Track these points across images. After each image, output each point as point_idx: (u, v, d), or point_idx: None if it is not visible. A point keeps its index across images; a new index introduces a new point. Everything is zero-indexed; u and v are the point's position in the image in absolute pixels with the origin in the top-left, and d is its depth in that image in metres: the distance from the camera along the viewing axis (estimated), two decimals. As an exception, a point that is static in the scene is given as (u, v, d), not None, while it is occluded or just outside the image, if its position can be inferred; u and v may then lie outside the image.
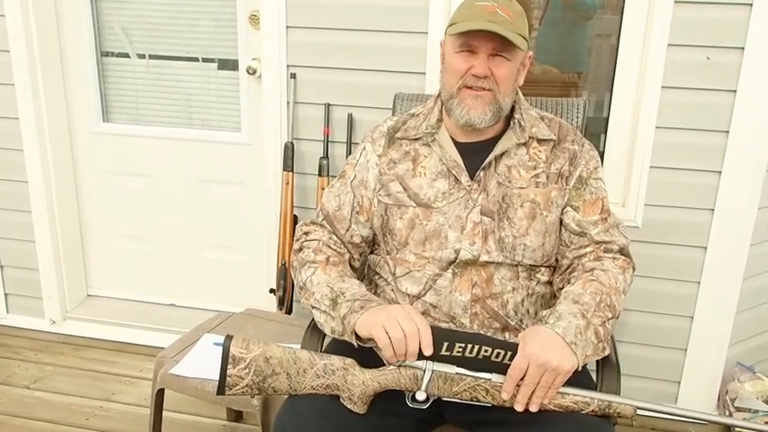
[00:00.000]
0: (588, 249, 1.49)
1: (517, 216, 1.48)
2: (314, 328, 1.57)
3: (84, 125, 2.70)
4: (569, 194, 1.51)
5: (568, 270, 1.51)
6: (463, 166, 1.50)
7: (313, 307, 1.47)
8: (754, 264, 2.21)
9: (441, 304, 1.48)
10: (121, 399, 2.39)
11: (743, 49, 1.96)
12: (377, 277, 1.59)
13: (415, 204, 1.51)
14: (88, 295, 2.92)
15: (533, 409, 1.27)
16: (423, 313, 1.49)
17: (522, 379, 1.26)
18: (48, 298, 2.76)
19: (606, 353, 1.36)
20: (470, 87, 1.43)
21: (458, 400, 1.32)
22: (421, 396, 1.29)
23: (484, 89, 1.43)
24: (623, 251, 1.50)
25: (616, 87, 2.12)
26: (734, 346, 2.29)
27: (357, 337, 1.34)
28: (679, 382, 2.31)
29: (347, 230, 1.58)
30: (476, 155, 1.50)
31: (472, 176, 1.49)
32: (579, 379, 1.36)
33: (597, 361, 1.53)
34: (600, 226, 1.49)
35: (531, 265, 1.50)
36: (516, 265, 1.49)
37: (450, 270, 1.48)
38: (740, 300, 2.20)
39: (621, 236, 1.52)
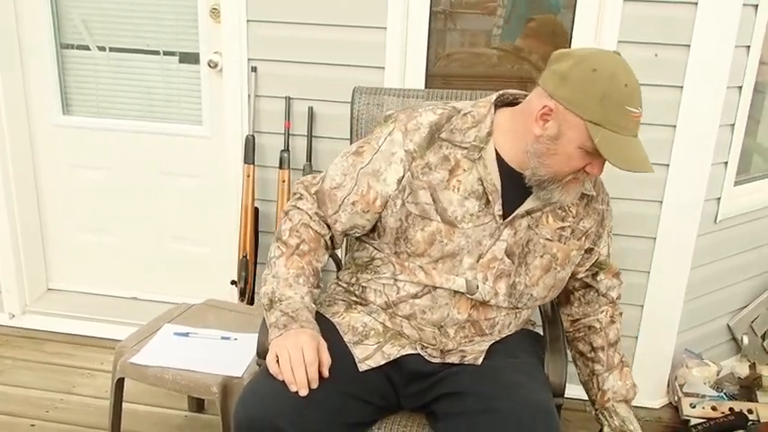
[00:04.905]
0: (605, 308, 1.67)
1: (533, 264, 1.48)
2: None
3: (44, 118, 2.68)
4: (600, 259, 1.60)
5: (584, 298, 1.67)
6: (500, 192, 1.43)
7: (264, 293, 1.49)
8: (701, 254, 2.28)
9: (433, 311, 1.47)
10: (82, 391, 2.38)
11: (689, 46, 2.03)
12: (373, 274, 1.51)
13: (440, 220, 1.43)
14: (48, 289, 2.90)
15: None
16: (410, 315, 1.47)
17: None
18: (6, 291, 2.74)
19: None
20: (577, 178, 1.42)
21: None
22: None
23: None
24: (619, 297, 1.69)
25: (569, 83, 2.18)
26: (682, 333, 2.37)
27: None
28: (630, 368, 2.37)
29: (333, 214, 1.50)
30: (516, 182, 1.43)
31: (505, 203, 1.44)
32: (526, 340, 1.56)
33: (545, 345, 1.61)
34: (617, 287, 1.68)
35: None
36: (514, 308, 1.52)
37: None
38: (688, 289, 2.28)
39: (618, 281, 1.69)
